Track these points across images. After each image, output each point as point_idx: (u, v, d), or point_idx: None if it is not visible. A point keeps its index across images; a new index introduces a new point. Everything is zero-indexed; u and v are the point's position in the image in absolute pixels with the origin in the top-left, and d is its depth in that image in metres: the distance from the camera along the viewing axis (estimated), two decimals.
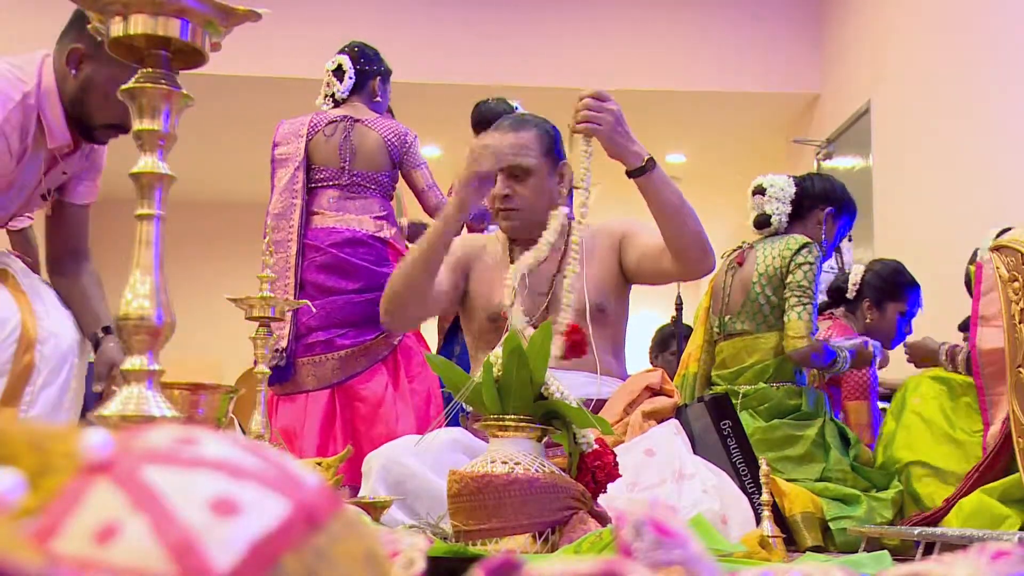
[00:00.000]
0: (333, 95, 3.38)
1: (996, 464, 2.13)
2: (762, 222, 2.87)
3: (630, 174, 1.96)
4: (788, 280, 2.65)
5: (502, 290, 2.12)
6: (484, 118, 3.47)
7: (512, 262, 2.16)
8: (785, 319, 2.64)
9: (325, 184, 3.30)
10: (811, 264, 2.64)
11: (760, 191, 2.90)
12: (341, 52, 3.42)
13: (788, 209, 2.85)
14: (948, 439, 2.40)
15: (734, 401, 2.45)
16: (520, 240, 2.20)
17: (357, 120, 3.31)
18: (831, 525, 2.32)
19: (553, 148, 2.19)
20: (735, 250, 2.91)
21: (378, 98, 3.40)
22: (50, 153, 2.10)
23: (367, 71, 3.38)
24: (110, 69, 2.00)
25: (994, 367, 2.15)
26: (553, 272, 2.14)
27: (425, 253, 2.06)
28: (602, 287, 2.16)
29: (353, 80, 3.36)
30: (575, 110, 1.96)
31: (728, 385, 2.69)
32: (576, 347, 1.85)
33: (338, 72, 3.38)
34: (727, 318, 2.80)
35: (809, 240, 2.71)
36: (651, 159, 1.96)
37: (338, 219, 3.24)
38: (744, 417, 2.44)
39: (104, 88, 2.02)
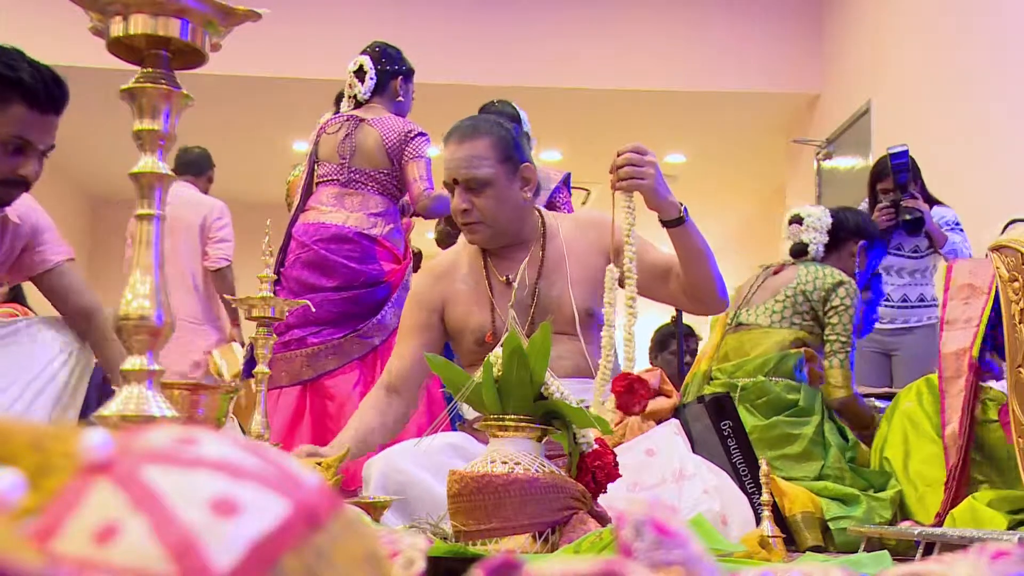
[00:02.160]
0: (355, 96, 3.38)
1: (966, 470, 2.14)
2: (799, 251, 2.92)
3: (666, 223, 1.95)
4: (830, 320, 2.70)
5: (486, 311, 2.09)
6: None
7: (489, 276, 2.11)
8: (826, 364, 2.70)
9: (327, 180, 3.32)
10: (850, 307, 2.69)
11: (797, 220, 2.96)
12: (363, 52, 3.40)
13: (825, 239, 2.91)
14: (932, 442, 2.40)
15: (732, 395, 2.46)
16: (495, 250, 2.13)
17: (363, 119, 3.31)
18: (830, 525, 2.32)
19: (512, 152, 2.07)
20: (775, 264, 2.96)
21: (400, 98, 3.38)
22: None
23: (388, 71, 3.36)
24: None
25: (951, 368, 2.22)
26: (535, 279, 2.08)
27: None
28: (590, 289, 2.09)
29: (374, 80, 3.34)
30: (615, 166, 1.89)
31: (727, 378, 2.69)
32: (625, 397, 1.82)
33: (359, 73, 3.37)
34: (743, 311, 2.82)
35: (848, 279, 2.74)
36: (685, 208, 1.95)
37: (331, 215, 3.24)
38: (742, 413, 2.44)
39: None
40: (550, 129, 6.99)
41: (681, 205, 1.94)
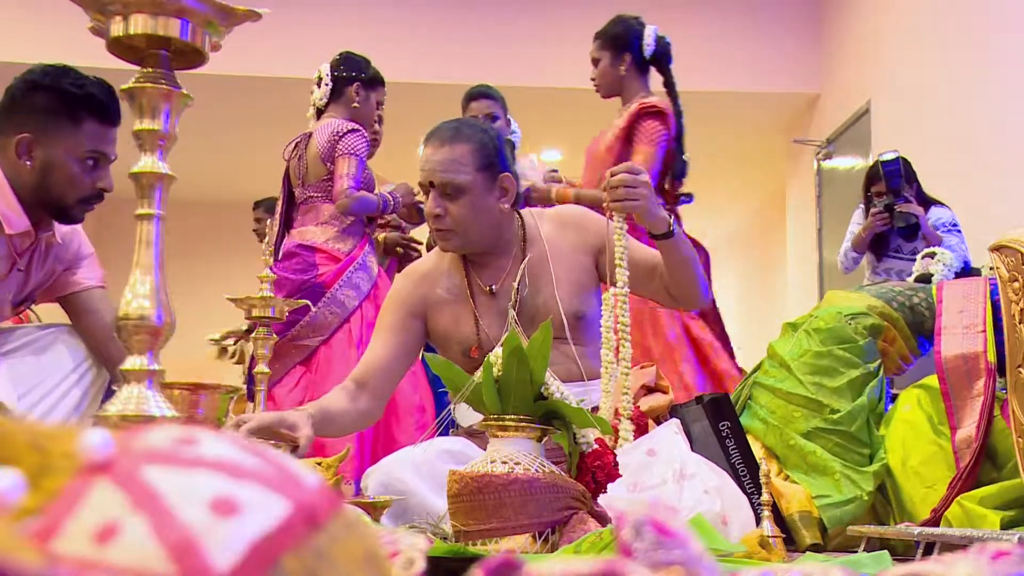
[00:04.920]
0: (316, 104, 3.43)
1: (976, 471, 2.15)
2: (924, 280, 3.05)
3: (655, 237, 1.97)
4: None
5: (470, 324, 2.07)
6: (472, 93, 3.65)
7: (472, 286, 2.09)
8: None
9: (298, 201, 3.38)
10: None
11: (931, 255, 3.12)
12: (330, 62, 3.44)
13: (952, 277, 3.03)
14: (931, 442, 2.41)
15: (800, 321, 2.56)
16: (475, 258, 2.10)
17: (311, 134, 3.33)
18: (815, 503, 2.32)
19: (494, 160, 2.02)
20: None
21: (356, 104, 3.37)
22: (9, 251, 2.00)
23: (344, 77, 3.37)
24: (63, 144, 1.95)
25: (957, 372, 2.23)
26: (515, 285, 2.04)
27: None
28: (577, 291, 2.07)
29: (330, 87, 3.36)
30: (608, 186, 1.90)
31: (804, 319, 2.69)
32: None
33: (320, 81, 3.41)
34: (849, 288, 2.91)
35: None
36: (674, 222, 1.97)
37: (291, 236, 3.29)
38: (800, 338, 2.52)
39: (65, 164, 1.95)
40: (550, 129, 6.98)
41: (670, 217, 1.96)
